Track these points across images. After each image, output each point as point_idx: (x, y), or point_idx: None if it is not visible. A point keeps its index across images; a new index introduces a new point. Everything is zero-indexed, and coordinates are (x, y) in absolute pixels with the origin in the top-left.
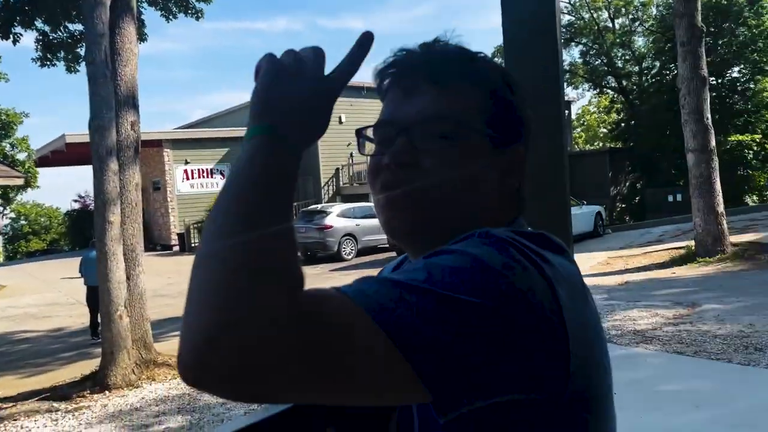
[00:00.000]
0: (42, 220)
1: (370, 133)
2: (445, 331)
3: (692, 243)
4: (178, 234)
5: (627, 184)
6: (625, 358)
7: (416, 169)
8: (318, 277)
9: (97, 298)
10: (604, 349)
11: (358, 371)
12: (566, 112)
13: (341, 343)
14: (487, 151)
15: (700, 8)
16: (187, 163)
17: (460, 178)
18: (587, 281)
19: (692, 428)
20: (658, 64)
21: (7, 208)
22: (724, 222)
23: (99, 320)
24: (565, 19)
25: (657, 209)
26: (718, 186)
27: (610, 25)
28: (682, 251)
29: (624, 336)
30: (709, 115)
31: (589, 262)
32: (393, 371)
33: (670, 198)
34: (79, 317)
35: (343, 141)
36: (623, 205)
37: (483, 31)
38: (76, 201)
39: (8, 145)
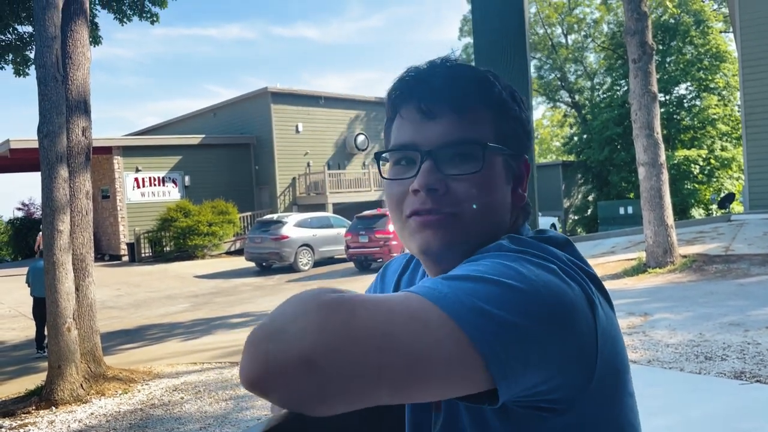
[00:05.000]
0: None
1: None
2: (508, 311)
3: (643, 254)
4: (127, 244)
5: (579, 196)
6: None
7: (446, 194)
8: (273, 288)
9: (43, 309)
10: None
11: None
12: None
13: (397, 325)
14: (503, 168)
15: (651, 26)
16: (138, 170)
17: (487, 198)
18: None
19: None
20: (609, 79)
21: None
22: (674, 234)
23: (45, 333)
24: None
25: (609, 221)
26: (668, 199)
27: (563, 41)
28: (634, 262)
29: None
30: (659, 130)
31: None
32: (455, 351)
33: (622, 210)
34: (22, 330)
35: (300, 150)
36: (576, 217)
37: (434, 42)
38: (19, 209)
39: None
